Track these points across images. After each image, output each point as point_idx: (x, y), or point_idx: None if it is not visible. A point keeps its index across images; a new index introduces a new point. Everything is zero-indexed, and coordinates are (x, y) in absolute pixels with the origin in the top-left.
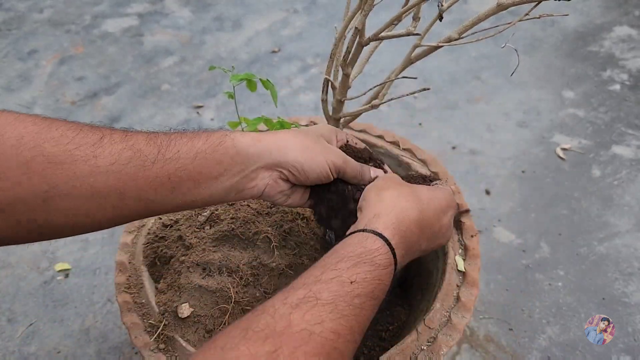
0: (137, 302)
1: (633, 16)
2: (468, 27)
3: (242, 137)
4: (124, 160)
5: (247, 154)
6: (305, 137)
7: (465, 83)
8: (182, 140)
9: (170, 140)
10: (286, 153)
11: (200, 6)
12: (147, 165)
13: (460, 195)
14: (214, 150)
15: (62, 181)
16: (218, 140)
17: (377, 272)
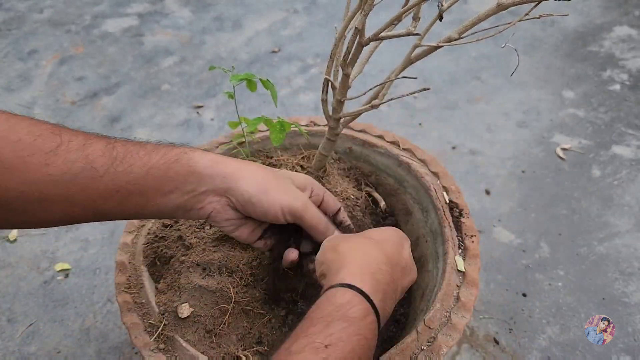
0: (137, 302)
1: (633, 16)
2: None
3: (200, 157)
4: (76, 170)
5: (200, 175)
6: (267, 174)
7: (465, 83)
8: (139, 154)
9: (127, 153)
10: (238, 181)
11: (200, 6)
12: (96, 177)
13: (461, 195)
14: (169, 168)
15: (13, 186)
16: (175, 157)
17: (354, 327)
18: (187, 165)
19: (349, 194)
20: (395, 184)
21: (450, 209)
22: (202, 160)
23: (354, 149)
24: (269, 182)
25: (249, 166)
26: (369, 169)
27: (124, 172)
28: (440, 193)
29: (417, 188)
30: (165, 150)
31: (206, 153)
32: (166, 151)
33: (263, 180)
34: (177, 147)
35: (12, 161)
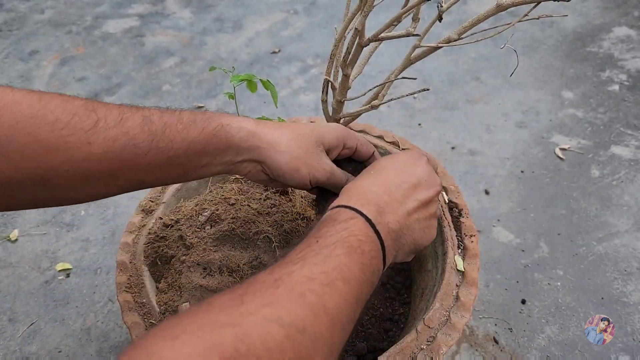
0: (138, 301)
1: (632, 17)
2: (467, 28)
3: (238, 130)
4: (118, 148)
5: (237, 148)
6: (300, 144)
7: (465, 84)
8: (177, 127)
9: (166, 127)
10: (273, 155)
11: (201, 7)
12: (139, 154)
13: (460, 195)
14: (208, 142)
15: (57, 166)
16: (213, 131)
17: (340, 225)
18: (225, 139)
19: None
20: None
21: (450, 209)
22: (239, 134)
23: None
24: (301, 157)
25: (284, 137)
26: None
27: (165, 148)
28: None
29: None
30: (202, 124)
31: (243, 124)
32: (204, 125)
33: (297, 155)
34: (214, 119)
35: (52, 141)
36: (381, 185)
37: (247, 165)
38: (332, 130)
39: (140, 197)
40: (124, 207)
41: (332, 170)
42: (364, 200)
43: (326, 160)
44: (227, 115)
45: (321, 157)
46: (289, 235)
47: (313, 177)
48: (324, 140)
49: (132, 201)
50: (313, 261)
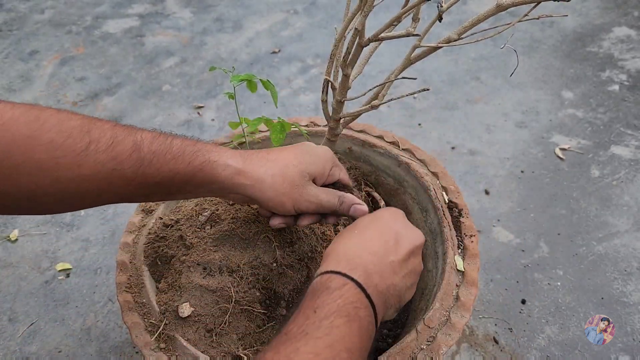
0: (137, 301)
1: (632, 17)
2: (467, 28)
3: (223, 168)
4: (106, 172)
5: (222, 185)
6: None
7: (465, 84)
8: (165, 157)
9: (154, 155)
10: (258, 193)
11: (201, 7)
12: (126, 178)
13: (460, 195)
14: (193, 176)
15: (47, 184)
16: (200, 166)
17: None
18: (211, 175)
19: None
20: (394, 184)
21: (450, 209)
22: (224, 172)
23: (353, 149)
24: (286, 192)
25: (269, 173)
26: (368, 169)
27: (151, 175)
28: (440, 193)
29: (416, 188)
30: (190, 157)
31: (229, 161)
32: (191, 159)
33: (282, 191)
34: (202, 153)
35: (46, 162)
36: (365, 248)
37: (234, 197)
38: (318, 159)
39: None
40: (124, 207)
41: (318, 201)
42: (352, 265)
43: (312, 192)
44: (215, 150)
45: (306, 189)
46: (288, 236)
47: (299, 209)
48: (310, 171)
49: None
50: (316, 334)
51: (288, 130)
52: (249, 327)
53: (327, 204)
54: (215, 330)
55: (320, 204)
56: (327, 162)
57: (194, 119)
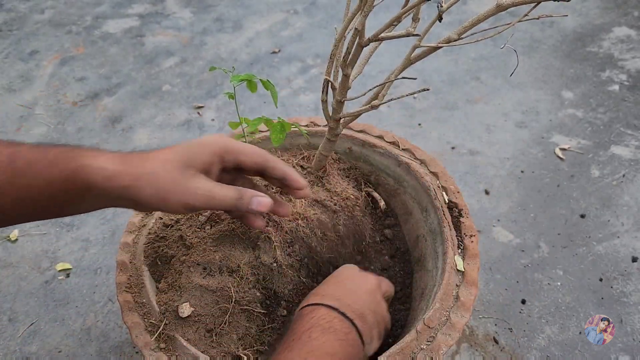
0: (137, 301)
1: (632, 17)
2: (467, 28)
3: (98, 171)
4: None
5: (102, 189)
6: (164, 174)
7: (465, 84)
8: (38, 166)
9: (29, 166)
10: (138, 192)
11: (201, 7)
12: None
13: (460, 195)
14: (67, 182)
15: None
16: (74, 172)
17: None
18: (86, 180)
19: (348, 194)
20: (394, 184)
21: (450, 209)
22: (100, 175)
23: (353, 149)
24: (166, 187)
25: (147, 170)
26: (368, 169)
27: (26, 185)
28: (440, 193)
29: (416, 188)
30: (64, 163)
31: (105, 164)
32: (64, 165)
33: (161, 186)
34: (76, 159)
35: None
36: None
37: (122, 202)
38: (203, 149)
39: None
40: None
41: (210, 195)
42: (325, 297)
43: (200, 185)
44: (91, 153)
45: (192, 183)
46: (288, 235)
47: (187, 204)
48: (195, 162)
49: None
50: (297, 346)
51: (288, 130)
52: (249, 328)
53: (223, 198)
54: (215, 330)
55: (213, 198)
56: (213, 149)
57: (194, 119)
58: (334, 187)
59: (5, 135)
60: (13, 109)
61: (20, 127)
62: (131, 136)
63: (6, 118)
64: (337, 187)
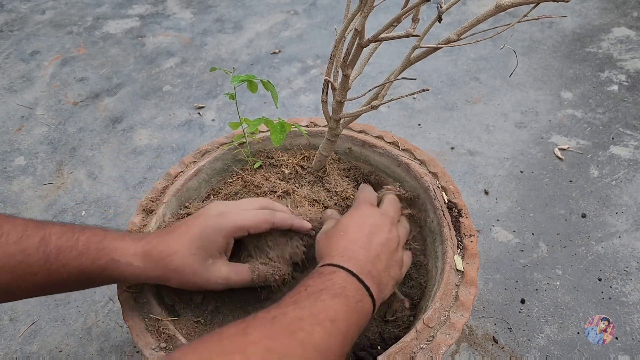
0: (138, 301)
1: (631, 17)
2: (467, 28)
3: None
4: (13, 264)
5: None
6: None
7: (464, 84)
8: (71, 253)
9: (59, 252)
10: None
11: (202, 8)
12: (32, 273)
13: (459, 195)
14: (99, 274)
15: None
16: (105, 265)
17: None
18: (117, 274)
19: (348, 194)
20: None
21: (449, 209)
22: (128, 272)
23: (353, 150)
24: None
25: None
26: (368, 169)
27: (56, 271)
28: (439, 193)
29: (416, 188)
30: (95, 255)
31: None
32: (95, 257)
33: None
34: (106, 252)
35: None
36: (353, 241)
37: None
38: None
39: (141, 197)
40: (125, 207)
41: (226, 281)
42: (345, 257)
43: (217, 277)
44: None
45: (211, 272)
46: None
47: (209, 289)
48: (212, 250)
49: (133, 201)
50: (303, 304)
51: (288, 131)
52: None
53: (239, 281)
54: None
55: (230, 282)
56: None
57: (194, 119)
58: (334, 187)
59: (6, 135)
60: (14, 109)
61: (21, 127)
62: (132, 136)
63: (7, 118)
64: (337, 187)
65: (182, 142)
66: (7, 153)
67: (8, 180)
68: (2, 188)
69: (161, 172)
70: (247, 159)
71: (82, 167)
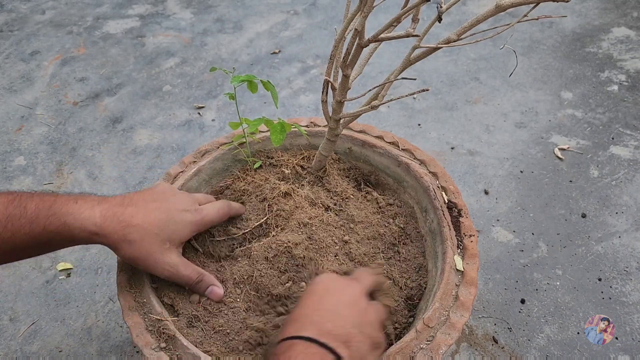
0: (138, 301)
1: (631, 17)
2: (467, 28)
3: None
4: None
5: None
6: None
7: (464, 84)
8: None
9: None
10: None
11: (202, 8)
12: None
13: (459, 195)
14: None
15: None
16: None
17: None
18: (69, 237)
19: (348, 194)
20: (394, 184)
21: (449, 209)
22: (81, 234)
23: (353, 150)
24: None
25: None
26: (368, 169)
27: (9, 239)
28: (439, 193)
29: (416, 188)
30: (45, 220)
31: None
32: (47, 222)
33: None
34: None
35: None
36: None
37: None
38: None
39: None
40: None
41: (176, 271)
42: (301, 325)
43: (168, 264)
44: (72, 210)
45: (164, 257)
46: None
47: (154, 274)
48: (172, 239)
49: None
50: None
51: (288, 131)
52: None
53: (184, 278)
54: (216, 330)
55: (177, 275)
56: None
57: (194, 119)
58: (334, 187)
59: (6, 135)
60: (14, 109)
61: (21, 127)
62: (132, 136)
63: (7, 118)
64: (337, 187)
65: (182, 142)
66: (7, 153)
67: (8, 180)
68: (2, 188)
69: (161, 172)
70: (247, 159)
71: (82, 167)
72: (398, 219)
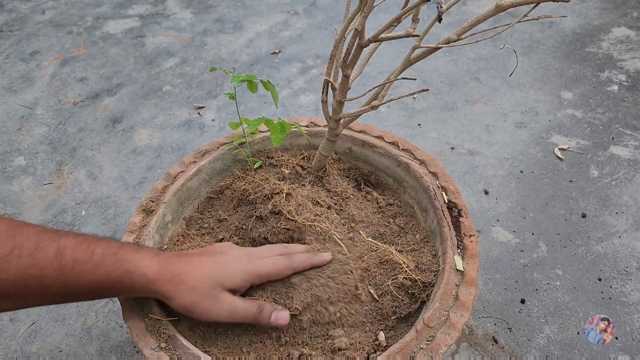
0: (138, 301)
1: (631, 17)
2: (467, 28)
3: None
4: (26, 277)
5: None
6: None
7: (464, 84)
8: (86, 266)
9: (75, 264)
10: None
11: (202, 8)
12: (46, 285)
13: (459, 195)
14: (112, 286)
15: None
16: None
17: None
18: (129, 286)
19: (348, 194)
20: (394, 184)
21: (449, 209)
22: (140, 283)
23: (353, 150)
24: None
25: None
26: (368, 169)
27: (71, 283)
28: (439, 193)
29: (416, 188)
30: (110, 268)
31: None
32: (111, 270)
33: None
34: (122, 264)
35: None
36: None
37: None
38: (235, 277)
39: (141, 197)
40: (125, 207)
41: (232, 309)
42: None
43: (224, 303)
44: (134, 259)
45: (218, 301)
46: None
47: (210, 318)
48: (225, 284)
49: (133, 201)
50: None
51: (288, 131)
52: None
53: (244, 311)
54: (216, 330)
55: (236, 311)
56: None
57: (194, 119)
58: (334, 187)
59: (6, 135)
60: (14, 109)
61: (21, 127)
62: (132, 136)
63: (7, 118)
64: (337, 187)
65: (182, 142)
66: (7, 153)
67: (8, 180)
68: (2, 188)
69: (161, 172)
70: (247, 159)
71: (82, 167)
72: (398, 219)
